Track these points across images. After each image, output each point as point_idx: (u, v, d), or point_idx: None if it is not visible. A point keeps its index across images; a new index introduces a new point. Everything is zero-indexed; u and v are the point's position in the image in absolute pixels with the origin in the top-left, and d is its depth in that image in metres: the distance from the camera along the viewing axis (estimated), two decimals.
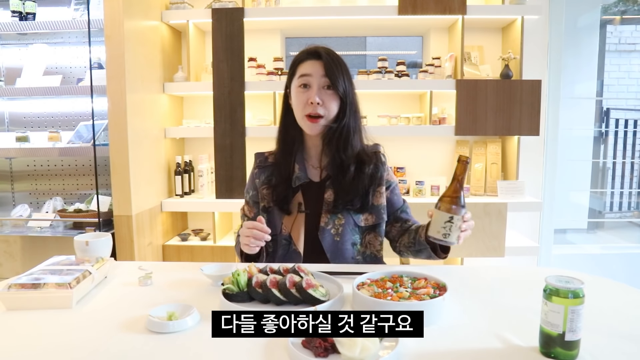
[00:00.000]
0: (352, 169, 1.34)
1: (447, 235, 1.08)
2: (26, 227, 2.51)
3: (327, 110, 1.30)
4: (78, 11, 2.59)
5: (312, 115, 1.29)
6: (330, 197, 1.35)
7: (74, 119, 2.78)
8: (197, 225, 3.03)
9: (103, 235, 1.31)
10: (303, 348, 0.78)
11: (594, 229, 3.72)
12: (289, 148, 1.38)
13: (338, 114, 1.32)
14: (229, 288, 1.01)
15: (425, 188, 2.72)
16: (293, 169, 1.37)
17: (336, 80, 1.29)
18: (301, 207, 1.36)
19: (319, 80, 1.30)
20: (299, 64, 1.34)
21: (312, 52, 1.33)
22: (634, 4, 3.82)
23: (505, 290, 1.11)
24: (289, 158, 1.38)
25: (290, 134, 1.38)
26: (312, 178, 1.40)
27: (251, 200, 1.45)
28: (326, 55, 1.31)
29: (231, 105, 2.64)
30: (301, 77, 1.31)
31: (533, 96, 2.57)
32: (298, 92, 1.32)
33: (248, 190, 1.46)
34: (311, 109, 1.29)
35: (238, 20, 2.60)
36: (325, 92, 1.30)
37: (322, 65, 1.30)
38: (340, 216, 1.34)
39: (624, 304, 1.04)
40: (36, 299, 1.00)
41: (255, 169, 1.46)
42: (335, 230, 1.34)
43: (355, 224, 1.36)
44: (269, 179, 1.40)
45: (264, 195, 1.40)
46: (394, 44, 4.08)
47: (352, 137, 1.34)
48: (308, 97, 1.29)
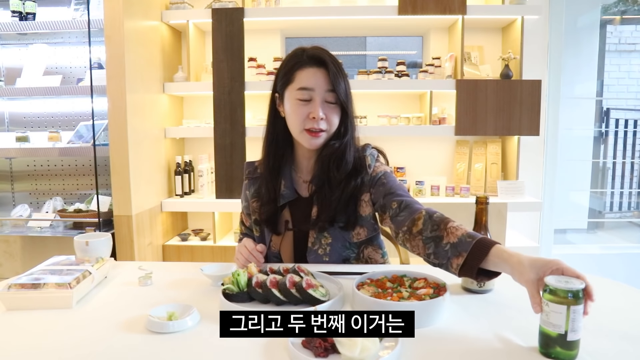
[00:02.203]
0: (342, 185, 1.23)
1: (483, 284, 1.07)
2: (26, 227, 2.51)
3: (329, 125, 1.20)
4: (78, 11, 2.59)
5: (314, 130, 1.18)
6: (315, 213, 1.26)
7: (74, 119, 2.78)
8: (197, 225, 3.03)
9: (103, 235, 1.31)
10: (303, 348, 0.78)
11: (594, 229, 3.72)
12: (277, 163, 1.28)
13: (339, 127, 1.23)
14: (229, 288, 1.01)
15: (425, 188, 2.72)
16: (279, 186, 1.28)
17: (343, 95, 1.18)
18: (288, 225, 1.29)
19: (323, 95, 1.18)
20: (298, 69, 1.19)
21: (314, 57, 1.19)
22: (634, 4, 3.82)
23: (505, 290, 1.11)
24: (275, 174, 1.28)
25: (280, 146, 1.27)
26: (301, 193, 1.31)
27: (245, 211, 1.40)
28: (331, 64, 1.17)
29: (231, 105, 2.64)
30: (302, 89, 1.17)
31: (533, 96, 2.57)
32: (297, 105, 1.18)
33: (242, 200, 1.42)
34: (313, 123, 1.18)
35: (238, 20, 2.60)
36: (327, 105, 1.19)
37: (326, 76, 1.17)
38: (327, 235, 1.25)
39: (624, 304, 1.04)
40: (36, 299, 1.00)
41: (245, 180, 1.39)
42: (323, 251, 1.26)
43: (346, 240, 1.26)
44: (257, 192, 1.32)
45: (254, 208, 1.33)
46: (394, 44, 4.08)
47: (347, 153, 1.23)
48: (310, 112, 1.17)
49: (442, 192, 2.72)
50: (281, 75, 1.23)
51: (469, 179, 2.83)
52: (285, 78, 1.22)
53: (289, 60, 1.22)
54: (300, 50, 1.22)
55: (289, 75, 1.20)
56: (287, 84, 1.21)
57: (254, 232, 1.36)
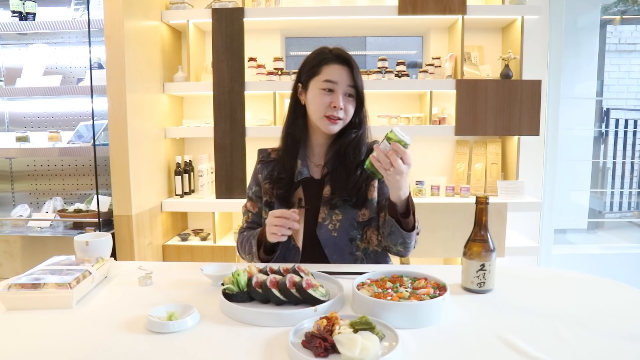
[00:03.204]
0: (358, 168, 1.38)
1: (482, 284, 1.07)
2: (26, 227, 2.51)
3: (346, 115, 1.36)
4: (78, 11, 2.59)
5: (333, 117, 1.34)
6: (327, 192, 1.38)
7: (74, 119, 2.78)
8: (197, 225, 3.03)
9: (103, 235, 1.31)
10: (303, 348, 0.78)
11: (594, 229, 3.72)
12: (295, 143, 1.41)
13: (353, 118, 1.39)
14: (229, 288, 1.01)
15: (425, 188, 2.72)
16: (295, 165, 1.40)
17: (360, 91, 1.36)
18: (301, 203, 1.38)
19: (345, 88, 1.34)
20: (324, 65, 1.35)
21: (340, 56, 1.35)
22: (634, 4, 3.82)
23: (506, 290, 1.11)
24: (293, 153, 1.40)
25: (297, 130, 1.41)
26: (314, 175, 1.43)
27: (254, 196, 1.47)
28: (354, 64, 1.35)
29: (231, 105, 2.64)
30: (327, 81, 1.33)
31: (533, 96, 2.57)
32: (321, 93, 1.34)
33: (251, 187, 1.49)
34: (334, 112, 1.33)
35: (238, 20, 2.60)
36: (346, 98, 1.35)
37: (349, 73, 1.34)
38: (337, 212, 1.37)
39: (624, 304, 1.04)
40: (36, 299, 1.00)
41: (258, 164, 1.49)
42: (333, 226, 1.37)
43: (354, 219, 1.37)
44: (271, 173, 1.43)
45: (266, 189, 1.42)
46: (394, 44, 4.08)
47: (362, 143, 1.41)
48: (332, 101, 1.33)
49: (442, 192, 2.72)
50: (307, 68, 1.38)
51: (469, 179, 2.83)
52: (311, 71, 1.36)
53: (316, 56, 1.38)
54: (326, 49, 1.38)
55: (316, 69, 1.35)
56: (313, 76, 1.36)
57: (262, 215, 1.44)
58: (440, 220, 1.88)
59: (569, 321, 0.92)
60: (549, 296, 1.08)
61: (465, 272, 1.09)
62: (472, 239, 1.09)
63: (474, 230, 1.09)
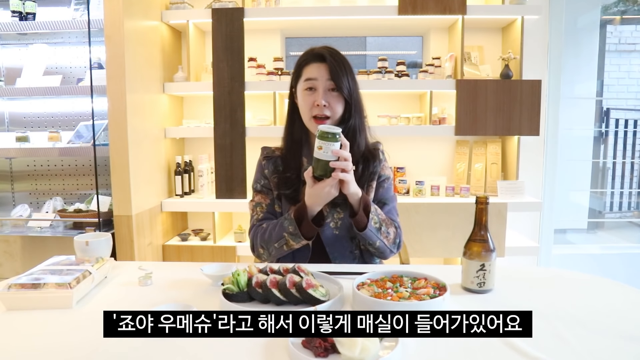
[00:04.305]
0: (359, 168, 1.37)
1: (482, 284, 1.07)
2: (26, 227, 2.51)
3: (333, 112, 1.34)
4: (78, 11, 2.59)
5: (319, 117, 1.33)
6: None
7: (74, 119, 2.78)
8: (197, 225, 3.03)
9: (103, 235, 1.31)
10: (303, 348, 0.78)
11: (594, 229, 3.72)
12: (296, 145, 1.43)
13: (343, 114, 1.36)
14: (229, 288, 1.01)
15: (425, 188, 2.72)
16: (301, 163, 1.42)
17: (341, 83, 1.32)
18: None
19: (325, 84, 1.33)
20: (304, 66, 1.36)
21: (316, 54, 1.35)
22: (634, 4, 3.82)
23: (506, 290, 1.11)
24: (297, 153, 1.42)
25: (297, 132, 1.42)
26: None
27: (264, 189, 1.46)
28: (330, 58, 1.33)
29: (231, 105, 2.64)
30: (307, 80, 1.34)
31: (533, 96, 2.57)
32: (304, 94, 1.35)
33: (258, 181, 1.47)
34: (318, 110, 1.33)
35: (238, 20, 2.60)
36: (330, 94, 1.34)
37: (327, 68, 1.33)
38: (339, 210, 1.38)
39: (623, 304, 1.04)
40: (36, 299, 1.00)
41: (262, 160, 1.48)
42: (335, 224, 1.38)
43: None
44: (277, 168, 1.44)
45: (275, 183, 1.43)
46: (394, 44, 4.07)
47: (358, 137, 1.38)
48: (314, 100, 1.33)
49: (442, 192, 2.72)
50: (294, 74, 1.41)
51: (469, 179, 2.83)
52: (296, 74, 1.40)
53: (299, 59, 1.39)
54: (309, 50, 1.39)
55: (299, 71, 1.38)
56: (298, 79, 1.38)
57: (275, 208, 1.43)
58: (440, 220, 1.88)
59: (569, 321, 0.92)
60: (549, 296, 1.08)
61: (465, 272, 1.09)
62: (472, 239, 1.09)
63: (474, 230, 1.09)
